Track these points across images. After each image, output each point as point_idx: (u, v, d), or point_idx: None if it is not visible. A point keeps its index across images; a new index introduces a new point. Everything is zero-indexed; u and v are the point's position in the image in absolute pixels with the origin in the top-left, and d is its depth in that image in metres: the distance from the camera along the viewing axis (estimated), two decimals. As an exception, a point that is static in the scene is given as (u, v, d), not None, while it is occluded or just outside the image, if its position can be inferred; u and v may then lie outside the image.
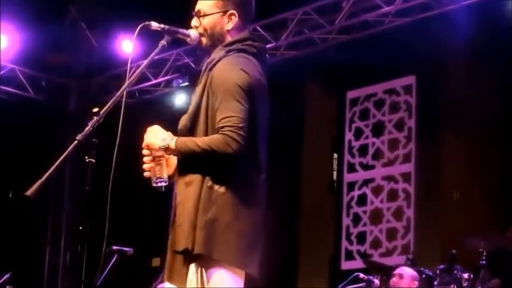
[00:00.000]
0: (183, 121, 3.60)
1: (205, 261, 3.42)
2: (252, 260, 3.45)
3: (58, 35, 10.48)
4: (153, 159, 3.57)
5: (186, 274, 3.44)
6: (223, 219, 3.43)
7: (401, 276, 7.04)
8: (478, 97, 8.79)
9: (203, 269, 3.43)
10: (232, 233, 3.42)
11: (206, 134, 3.51)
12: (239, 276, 3.46)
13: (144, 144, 3.57)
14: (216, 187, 3.46)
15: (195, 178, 3.49)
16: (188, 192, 3.49)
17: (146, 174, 3.60)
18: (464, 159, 8.83)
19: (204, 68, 3.67)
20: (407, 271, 7.08)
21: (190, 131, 3.55)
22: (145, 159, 3.59)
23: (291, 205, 9.76)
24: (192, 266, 3.45)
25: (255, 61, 3.65)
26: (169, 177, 3.63)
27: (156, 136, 3.56)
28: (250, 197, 3.50)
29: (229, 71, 3.54)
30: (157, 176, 3.58)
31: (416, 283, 7.01)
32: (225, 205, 3.45)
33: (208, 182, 3.47)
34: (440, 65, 9.13)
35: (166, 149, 3.53)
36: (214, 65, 3.61)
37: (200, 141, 3.46)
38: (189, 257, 3.43)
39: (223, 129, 3.41)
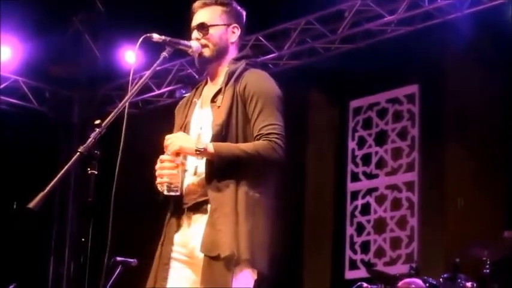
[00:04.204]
0: (217, 127, 3.62)
1: (241, 266, 3.51)
2: (269, 262, 3.59)
3: (61, 46, 10.50)
4: (176, 166, 3.58)
5: (231, 279, 3.48)
6: (260, 228, 3.53)
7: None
8: (481, 105, 8.79)
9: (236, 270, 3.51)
10: (265, 242, 3.55)
11: (236, 141, 3.58)
12: (254, 275, 3.58)
13: (175, 149, 3.56)
14: (251, 193, 3.55)
15: (229, 183, 3.54)
16: (223, 197, 3.53)
17: (163, 181, 3.60)
18: (468, 168, 8.82)
19: (226, 77, 3.72)
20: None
21: (224, 138, 3.60)
22: (165, 165, 3.58)
23: (294, 214, 9.75)
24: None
25: None
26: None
27: (187, 139, 3.58)
28: (273, 204, 3.64)
29: (268, 82, 3.71)
30: (175, 184, 3.59)
31: None
32: (260, 214, 3.56)
33: (244, 187, 3.54)
34: (443, 73, 9.14)
35: (202, 153, 3.53)
36: (239, 75, 3.70)
37: (246, 146, 3.54)
38: (229, 262, 3.47)
39: (269, 136, 3.55)
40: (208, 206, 3.62)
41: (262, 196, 3.58)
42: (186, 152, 3.59)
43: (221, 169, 3.55)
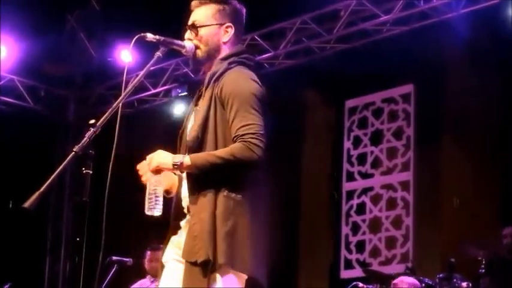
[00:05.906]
0: (193, 132, 3.59)
1: (222, 269, 3.45)
2: (261, 266, 3.52)
3: (57, 45, 10.49)
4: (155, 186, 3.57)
5: (208, 284, 3.44)
6: (241, 229, 3.47)
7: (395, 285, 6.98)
8: (476, 105, 8.80)
9: (215, 275, 3.45)
10: (250, 242, 3.48)
11: (216, 144, 3.54)
12: (242, 279, 3.51)
13: (154, 166, 3.55)
14: (233, 195, 3.50)
15: (208, 190, 3.51)
16: (202, 202, 3.50)
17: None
18: (463, 167, 8.84)
19: (207, 80, 3.68)
20: (406, 281, 7.03)
21: (201, 142, 3.56)
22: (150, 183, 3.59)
23: (290, 214, 9.76)
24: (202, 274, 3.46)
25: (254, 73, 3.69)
26: (167, 192, 3.67)
27: (164, 156, 3.57)
28: (260, 204, 3.57)
29: (243, 81, 3.60)
30: (156, 202, 3.58)
31: None
32: (242, 214, 3.49)
33: (224, 191, 3.49)
34: (439, 73, 9.15)
35: (180, 167, 3.52)
36: (219, 77, 3.64)
37: (221, 152, 3.48)
38: (206, 267, 3.44)
39: (244, 137, 3.47)
40: None
41: (245, 197, 3.51)
42: (164, 168, 3.56)
43: (200, 178, 3.53)
